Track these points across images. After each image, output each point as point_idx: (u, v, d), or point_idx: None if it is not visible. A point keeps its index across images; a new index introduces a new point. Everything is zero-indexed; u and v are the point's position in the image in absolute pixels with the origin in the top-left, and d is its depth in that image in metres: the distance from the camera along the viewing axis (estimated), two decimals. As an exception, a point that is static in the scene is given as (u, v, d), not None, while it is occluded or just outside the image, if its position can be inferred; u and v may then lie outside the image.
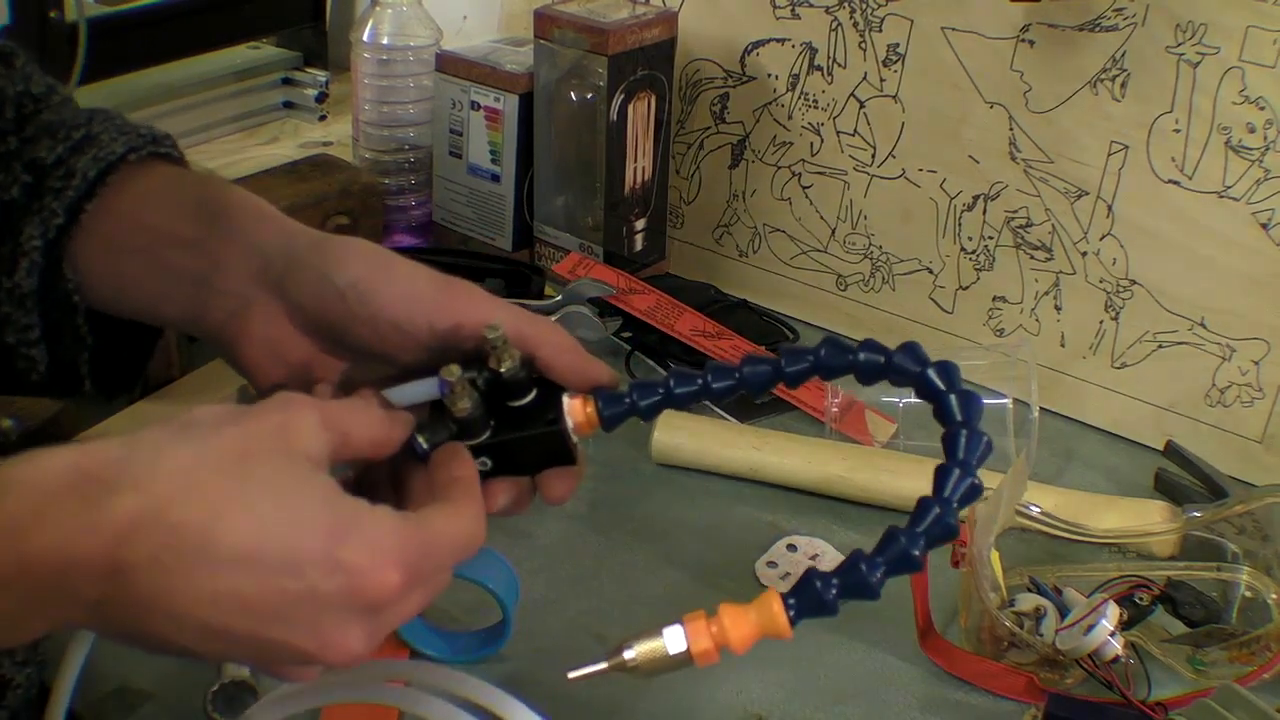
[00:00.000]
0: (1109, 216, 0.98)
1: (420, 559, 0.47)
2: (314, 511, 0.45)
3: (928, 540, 0.50)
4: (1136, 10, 0.93)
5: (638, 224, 1.17)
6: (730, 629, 0.50)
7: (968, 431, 0.51)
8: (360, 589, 0.45)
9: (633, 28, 1.08)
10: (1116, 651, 0.73)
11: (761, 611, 0.50)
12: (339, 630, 0.46)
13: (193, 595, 0.44)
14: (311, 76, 1.47)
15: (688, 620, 0.51)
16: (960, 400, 0.51)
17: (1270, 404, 0.94)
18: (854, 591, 0.50)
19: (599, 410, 0.55)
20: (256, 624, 0.45)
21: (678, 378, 0.55)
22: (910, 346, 0.52)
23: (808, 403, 1.00)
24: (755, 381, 0.54)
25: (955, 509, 0.50)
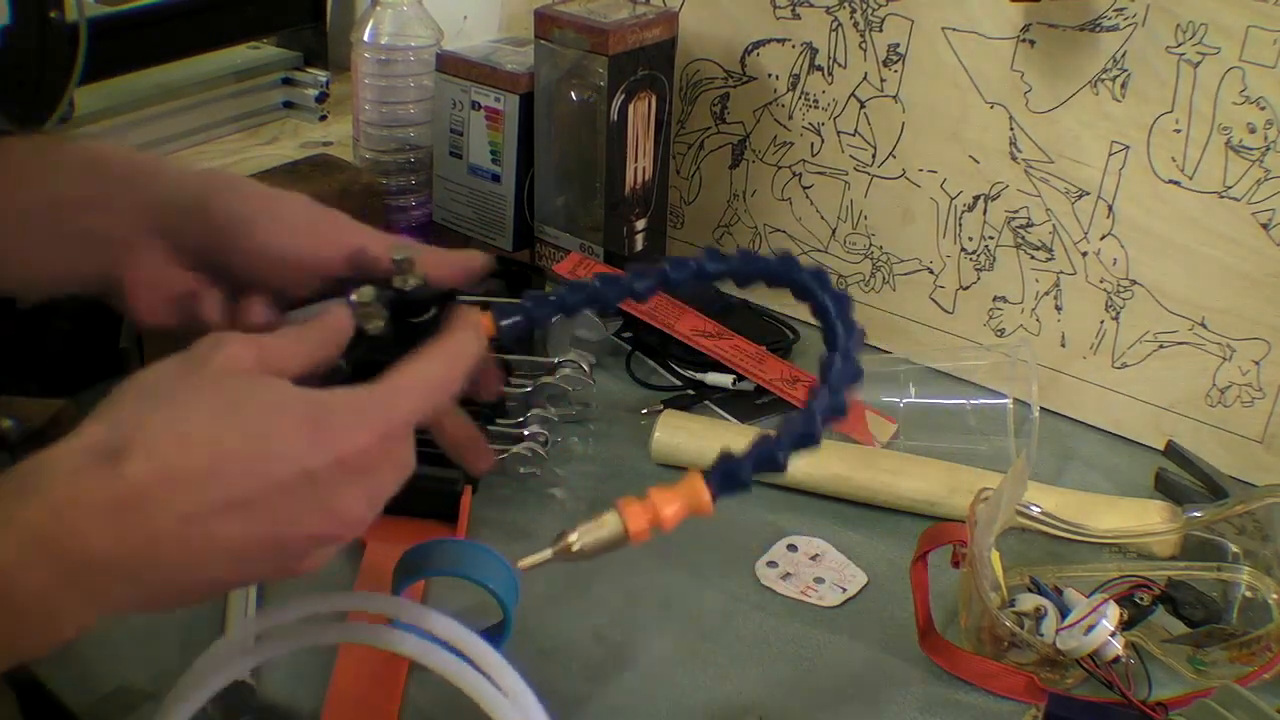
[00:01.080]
0: (1109, 216, 0.98)
1: (389, 412, 0.52)
2: (288, 407, 0.50)
3: (824, 416, 0.55)
4: (1137, 10, 0.93)
5: (638, 224, 1.17)
6: (661, 507, 0.55)
7: (843, 324, 0.58)
8: (347, 456, 0.50)
9: (633, 28, 1.08)
10: (1117, 651, 0.73)
11: (687, 490, 0.55)
12: (341, 500, 0.50)
13: (211, 514, 0.48)
14: (312, 76, 1.47)
15: (622, 504, 0.55)
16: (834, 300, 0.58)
17: (1270, 404, 0.94)
18: (764, 465, 0.55)
19: (494, 320, 0.58)
20: (274, 519, 0.49)
21: (572, 288, 0.59)
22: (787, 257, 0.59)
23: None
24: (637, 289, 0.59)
25: (842, 391, 0.56)
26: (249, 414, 0.49)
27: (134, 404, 0.49)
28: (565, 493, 0.92)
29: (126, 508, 0.46)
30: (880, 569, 0.85)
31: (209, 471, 0.48)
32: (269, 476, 0.49)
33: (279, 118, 1.47)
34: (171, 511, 0.47)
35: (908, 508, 0.90)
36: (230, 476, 0.48)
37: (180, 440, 0.48)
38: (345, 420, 0.50)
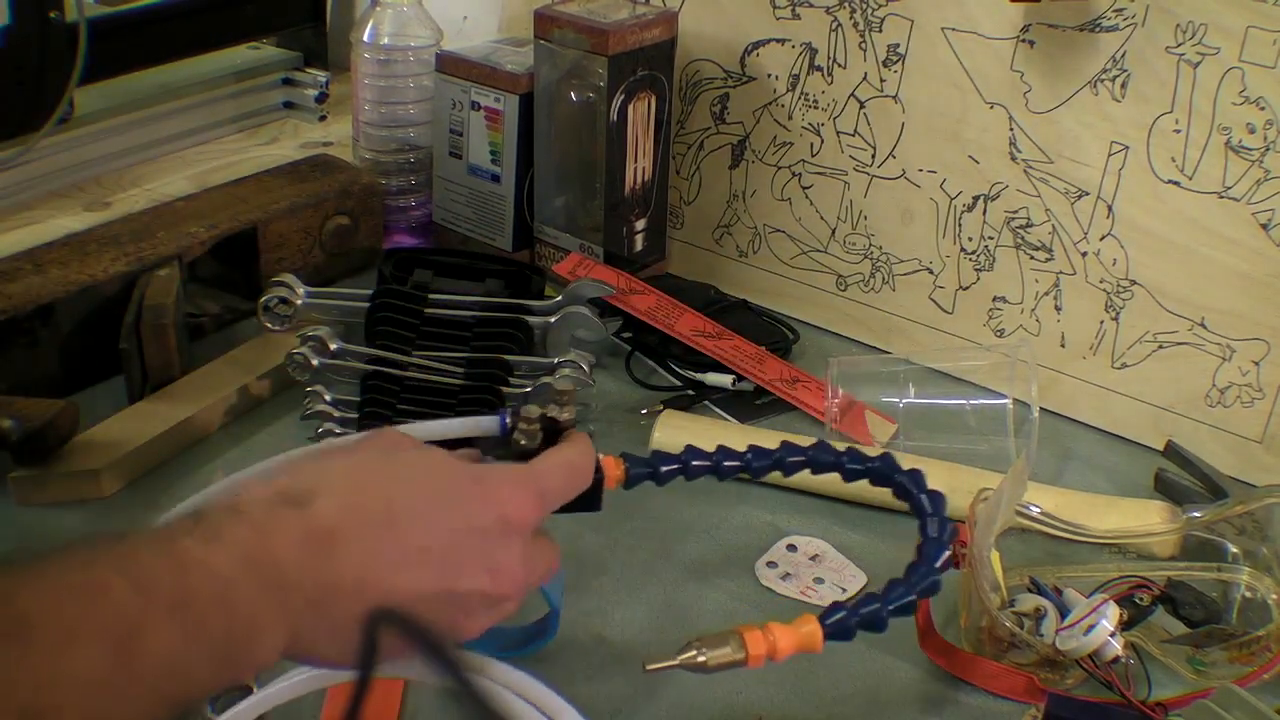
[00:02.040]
0: (1109, 217, 0.98)
1: (540, 483, 0.58)
2: (456, 469, 0.56)
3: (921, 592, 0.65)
4: (1136, 10, 0.93)
5: (638, 224, 1.17)
6: (779, 640, 0.62)
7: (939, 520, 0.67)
8: (509, 515, 0.55)
9: (633, 28, 1.08)
10: (1116, 652, 0.73)
11: (804, 632, 0.63)
12: (501, 557, 0.55)
13: (389, 564, 0.52)
14: (311, 77, 1.47)
15: (745, 631, 0.62)
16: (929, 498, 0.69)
17: (1270, 404, 0.94)
18: (869, 624, 0.64)
19: (627, 470, 0.67)
20: (445, 573, 0.54)
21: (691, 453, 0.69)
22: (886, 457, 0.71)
23: (808, 403, 1.00)
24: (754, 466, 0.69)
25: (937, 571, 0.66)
26: (419, 473, 0.55)
27: (311, 463, 0.55)
28: (565, 493, 0.92)
29: (315, 540, 0.51)
30: (880, 569, 0.85)
31: (387, 517, 0.52)
32: (442, 526, 0.53)
33: (279, 118, 1.47)
34: (354, 550, 0.51)
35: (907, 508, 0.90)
36: (406, 524, 0.53)
37: (358, 486, 0.53)
38: (507, 484, 0.56)
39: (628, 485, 0.68)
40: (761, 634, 0.62)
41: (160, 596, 0.46)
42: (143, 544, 0.48)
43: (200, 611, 0.47)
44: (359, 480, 0.53)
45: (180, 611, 0.47)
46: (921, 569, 0.65)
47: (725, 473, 0.69)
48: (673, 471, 0.69)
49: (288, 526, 0.50)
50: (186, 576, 0.47)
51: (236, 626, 0.48)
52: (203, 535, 0.49)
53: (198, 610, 0.47)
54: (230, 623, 0.48)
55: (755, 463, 0.69)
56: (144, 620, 0.46)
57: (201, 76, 1.40)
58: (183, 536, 0.49)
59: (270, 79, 1.47)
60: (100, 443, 0.89)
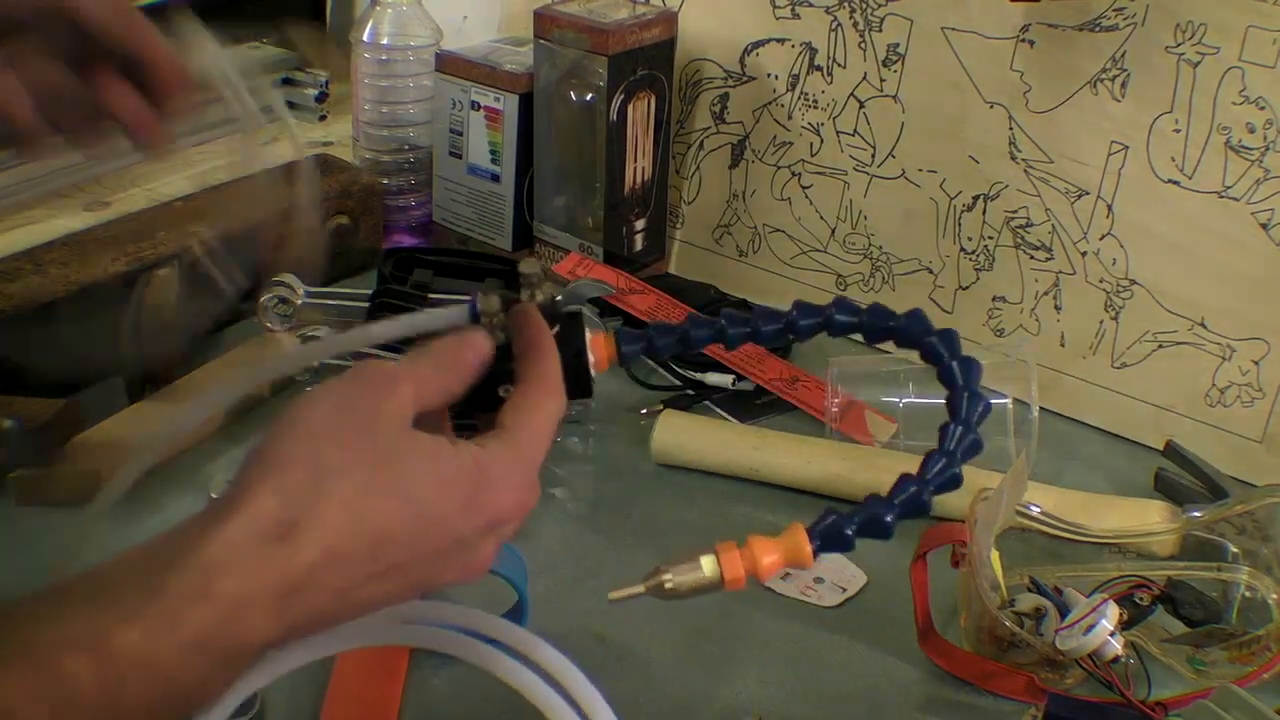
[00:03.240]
0: (1109, 216, 0.98)
1: (529, 468, 0.54)
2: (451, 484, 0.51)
3: (936, 488, 0.54)
4: (1136, 10, 0.93)
5: (638, 224, 1.17)
6: (759, 556, 0.55)
7: (969, 393, 0.56)
8: (496, 519, 0.53)
9: (633, 28, 1.08)
10: (1116, 651, 0.73)
11: (788, 541, 0.55)
12: (479, 554, 0.53)
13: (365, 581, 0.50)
14: (311, 76, 1.47)
15: (721, 548, 0.55)
16: (961, 365, 0.57)
17: (1270, 404, 0.94)
18: (870, 530, 0.54)
19: (618, 346, 0.59)
20: (418, 580, 0.52)
21: (693, 322, 0.59)
22: (916, 314, 0.59)
23: (808, 403, 1.00)
24: (768, 332, 0.59)
25: (960, 460, 0.55)
26: (420, 494, 0.50)
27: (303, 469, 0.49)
28: (565, 493, 0.92)
29: (292, 594, 0.47)
30: (880, 569, 0.85)
31: (372, 554, 0.49)
32: (426, 546, 0.51)
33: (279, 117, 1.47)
34: (331, 588, 0.48)
35: (907, 508, 0.90)
36: (391, 555, 0.50)
37: (355, 524, 0.49)
38: (498, 487, 0.53)
39: (622, 363, 0.60)
40: (739, 552, 0.55)
41: (81, 708, 0.44)
42: (69, 640, 0.44)
43: (130, 705, 0.45)
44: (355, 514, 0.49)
45: (101, 715, 0.44)
46: (938, 459, 0.55)
47: (733, 340, 0.59)
48: (670, 343, 0.59)
49: (265, 589, 0.47)
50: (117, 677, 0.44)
51: (175, 700, 0.46)
52: (153, 622, 0.45)
53: (127, 705, 0.45)
54: (167, 699, 0.46)
55: (764, 326, 0.59)
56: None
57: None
58: (127, 626, 0.44)
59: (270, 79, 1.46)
60: (100, 443, 0.89)
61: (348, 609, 0.50)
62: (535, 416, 0.55)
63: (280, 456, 0.49)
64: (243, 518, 0.47)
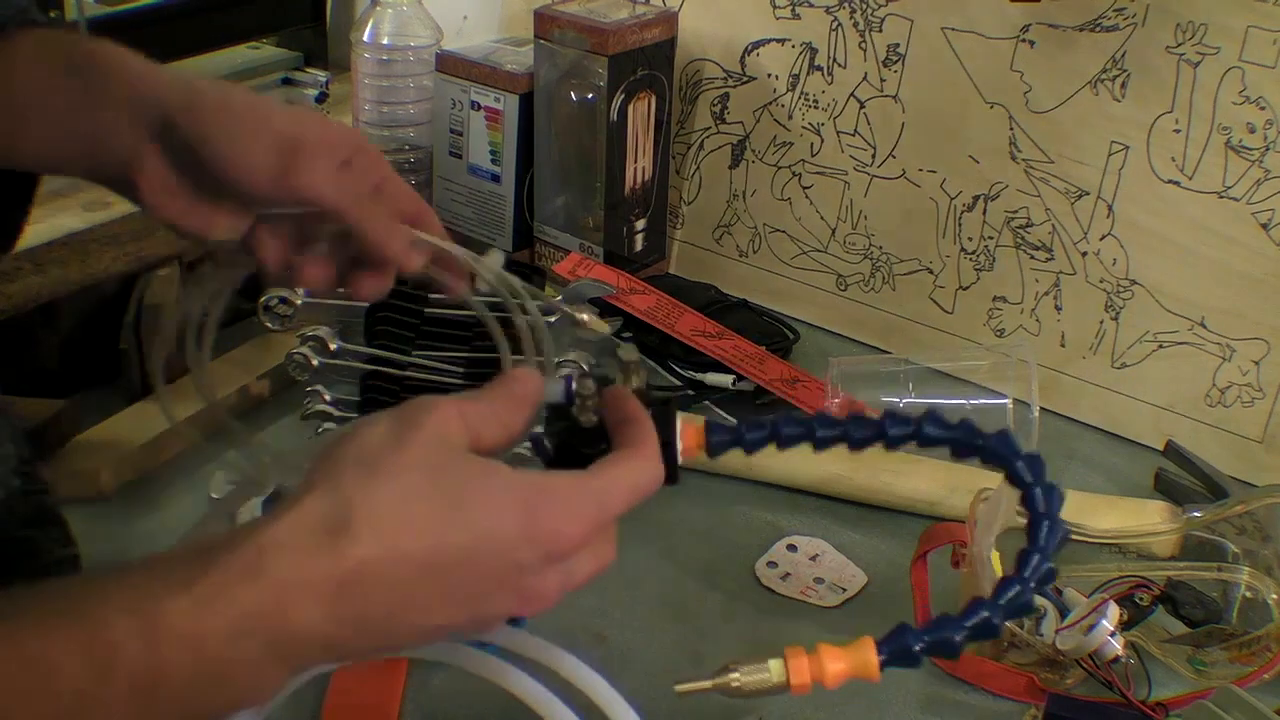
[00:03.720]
0: (1109, 216, 0.98)
1: (601, 508, 0.53)
2: (505, 498, 0.51)
3: (1007, 613, 0.55)
4: (1136, 10, 0.93)
5: (638, 224, 1.17)
6: (827, 664, 0.55)
7: (1049, 521, 0.57)
8: (553, 549, 0.51)
9: (633, 28, 1.08)
10: (1116, 651, 0.73)
11: (857, 655, 0.55)
12: (539, 585, 0.52)
13: (424, 606, 0.49)
14: (311, 76, 1.47)
15: (790, 654, 0.55)
16: (1044, 492, 0.58)
17: (1270, 404, 0.94)
18: (938, 649, 0.55)
19: (708, 437, 0.59)
20: (475, 606, 0.51)
21: (785, 421, 0.60)
22: (1004, 434, 0.59)
23: (808, 403, 1.00)
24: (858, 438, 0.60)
25: (1033, 589, 0.56)
26: (472, 504, 0.50)
27: (353, 474, 0.49)
28: (565, 493, 0.92)
29: (345, 588, 0.47)
30: (880, 569, 0.85)
31: (427, 562, 0.49)
32: (481, 569, 0.50)
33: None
34: (385, 596, 0.48)
35: (908, 508, 0.90)
36: (446, 569, 0.49)
37: (407, 525, 0.48)
38: (559, 515, 0.51)
39: (710, 455, 0.60)
40: (808, 660, 0.55)
41: (120, 674, 0.44)
42: (116, 603, 0.45)
43: (175, 685, 0.45)
44: (406, 515, 0.49)
45: (144, 689, 0.44)
46: (1014, 583, 0.55)
47: (821, 443, 0.60)
48: (761, 439, 0.60)
49: (317, 578, 0.47)
50: (161, 651, 0.44)
51: (225, 689, 0.46)
52: (202, 595, 0.45)
53: (172, 684, 0.45)
54: (216, 687, 0.46)
55: (855, 433, 0.60)
56: (94, 700, 0.44)
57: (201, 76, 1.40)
58: (175, 595, 0.45)
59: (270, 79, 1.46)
60: (100, 443, 0.89)
61: (401, 626, 0.49)
62: (620, 470, 0.54)
63: (330, 469, 0.50)
64: (296, 514, 0.48)
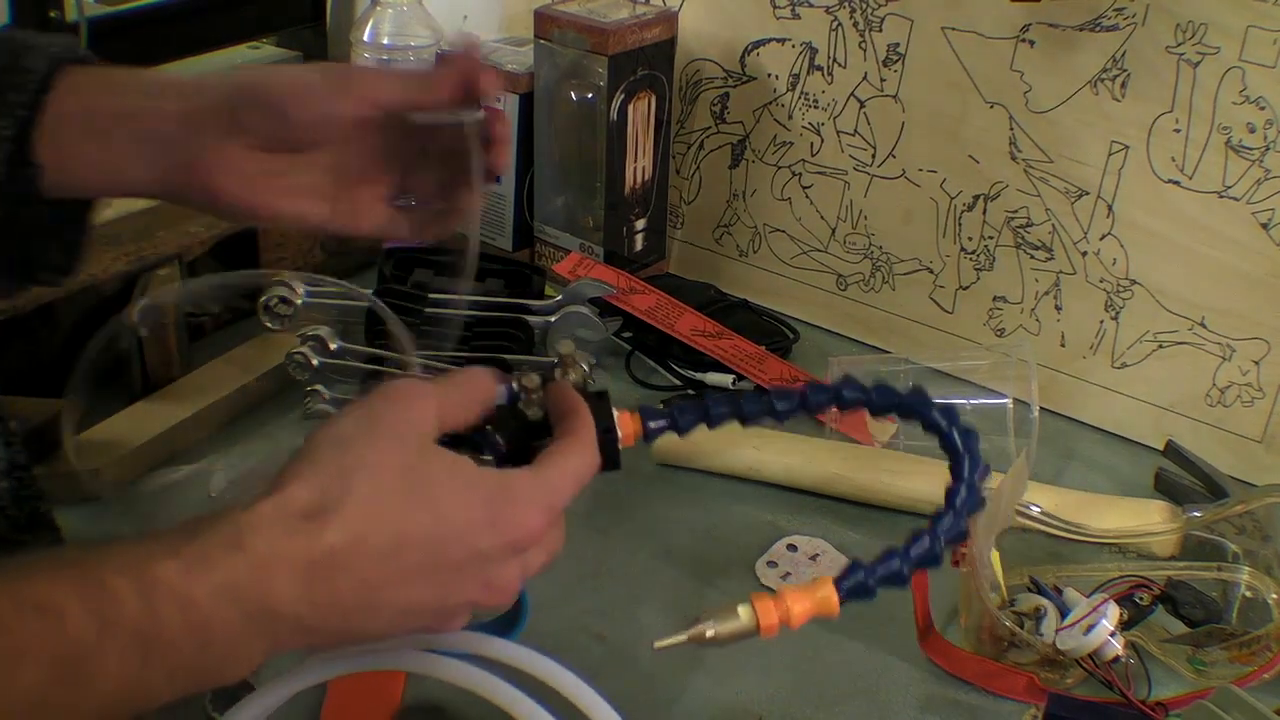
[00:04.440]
0: (1109, 216, 0.98)
1: (553, 499, 0.57)
2: (471, 494, 0.55)
3: (947, 540, 0.61)
4: (1136, 10, 0.93)
5: (638, 224, 1.17)
6: (792, 605, 0.59)
7: (970, 456, 0.63)
8: (516, 538, 0.55)
9: (633, 28, 1.08)
10: (1117, 651, 0.73)
11: (818, 593, 0.60)
12: (501, 574, 0.56)
13: (388, 581, 0.53)
14: (311, 76, 1.47)
15: (755, 598, 0.59)
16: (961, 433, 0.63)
17: (1270, 404, 0.94)
18: (889, 579, 0.60)
19: (644, 423, 0.63)
20: (442, 593, 0.54)
21: (714, 401, 0.64)
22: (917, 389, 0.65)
23: (808, 403, 1.00)
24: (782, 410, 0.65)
25: (965, 517, 0.62)
26: (440, 496, 0.54)
27: (334, 465, 0.53)
28: (565, 493, 0.92)
29: (318, 569, 0.51)
30: (880, 569, 0.85)
31: (394, 546, 0.52)
32: (446, 555, 0.54)
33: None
34: (355, 576, 0.52)
35: (908, 508, 0.90)
36: (412, 552, 0.53)
37: (377, 515, 0.52)
38: (520, 506, 0.56)
39: (646, 439, 0.64)
40: (773, 602, 0.59)
41: (121, 625, 0.47)
42: (114, 564, 0.48)
43: (167, 640, 0.48)
44: (378, 505, 0.53)
45: (141, 641, 0.47)
46: (946, 518, 0.61)
47: (750, 418, 0.65)
48: (692, 420, 0.64)
49: (292, 557, 0.50)
50: (156, 606, 0.47)
51: (209, 653, 0.49)
52: (190, 559, 0.49)
53: (164, 639, 0.48)
54: (202, 650, 0.49)
55: (779, 404, 0.65)
56: (98, 647, 0.46)
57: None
58: (165, 558, 0.48)
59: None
60: (100, 443, 0.89)
61: (372, 610, 0.53)
62: (566, 460, 0.59)
63: (313, 456, 0.54)
64: (276, 499, 0.51)
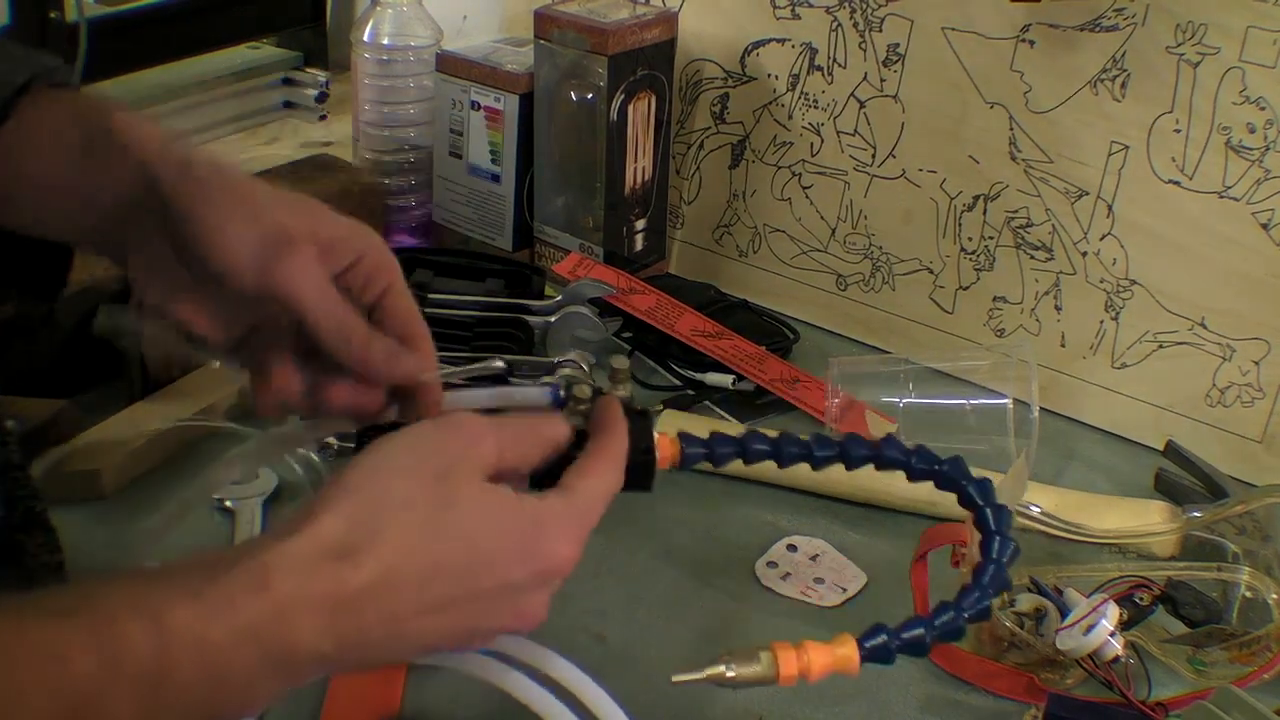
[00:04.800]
0: (1109, 216, 0.98)
1: (583, 527, 0.57)
2: (509, 525, 0.54)
3: (970, 616, 0.61)
4: (1136, 10, 0.93)
5: (638, 224, 1.17)
6: (813, 660, 0.59)
7: (1000, 537, 0.63)
8: (549, 569, 0.55)
9: (633, 28, 1.08)
10: (1117, 651, 0.73)
11: (840, 651, 0.60)
12: (531, 603, 0.55)
13: (415, 613, 0.52)
14: (311, 76, 1.47)
15: (778, 647, 0.60)
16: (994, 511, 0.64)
17: (1270, 404, 0.94)
18: (911, 648, 0.60)
19: (682, 450, 0.63)
20: (470, 622, 0.54)
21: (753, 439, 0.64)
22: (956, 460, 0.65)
23: (808, 403, 1.00)
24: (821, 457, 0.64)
25: (991, 595, 0.61)
26: (473, 527, 0.53)
27: (369, 497, 0.52)
28: (565, 493, 0.92)
29: (344, 609, 0.49)
30: (880, 569, 0.85)
31: (425, 579, 0.51)
32: (477, 587, 0.53)
33: (279, 118, 1.47)
34: (383, 611, 0.51)
35: (908, 508, 0.90)
36: (442, 584, 0.52)
37: (408, 549, 0.51)
38: (553, 538, 0.55)
39: (682, 466, 0.64)
40: (795, 653, 0.60)
41: (129, 669, 0.45)
42: (127, 604, 0.46)
43: (180, 683, 0.46)
44: (411, 542, 0.51)
45: (152, 684, 0.46)
46: (974, 593, 0.61)
47: (786, 460, 0.65)
48: (730, 454, 0.64)
49: (319, 600, 0.49)
50: (171, 651, 0.46)
51: (223, 693, 0.48)
52: (209, 604, 0.47)
53: (178, 682, 0.46)
54: (215, 689, 0.48)
55: (818, 452, 0.64)
56: (107, 691, 0.45)
57: (201, 76, 1.40)
58: (184, 600, 0.47)
59: (270, 79, 1.46)
60: (100, 443, 0.89)
61: (398, 641, 0.52)
62: (596, 482, 0.58)
63: (351, 486, 0.52)
64: (306, 535, 0.50)
